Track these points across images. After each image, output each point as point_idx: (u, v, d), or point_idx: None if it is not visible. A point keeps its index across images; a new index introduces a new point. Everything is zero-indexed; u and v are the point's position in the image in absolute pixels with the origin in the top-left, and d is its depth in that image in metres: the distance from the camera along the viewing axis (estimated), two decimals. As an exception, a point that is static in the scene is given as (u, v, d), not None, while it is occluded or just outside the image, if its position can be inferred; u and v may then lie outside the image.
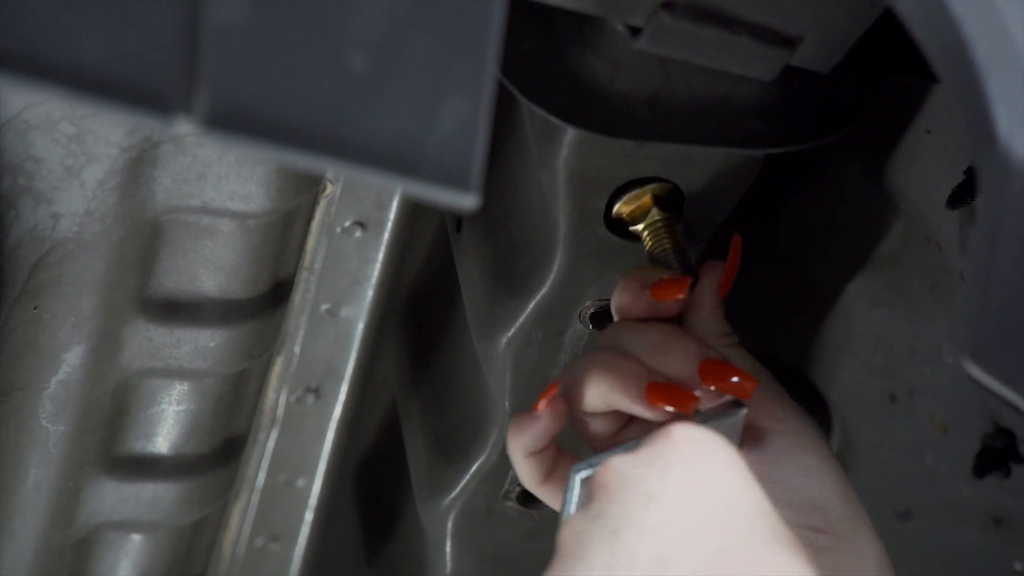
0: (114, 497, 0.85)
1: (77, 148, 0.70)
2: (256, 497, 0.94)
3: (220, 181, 0.75)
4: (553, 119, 0.61)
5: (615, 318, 0.64)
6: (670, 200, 0.67)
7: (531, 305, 0.74)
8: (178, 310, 0.79)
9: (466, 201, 0.43)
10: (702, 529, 0.49)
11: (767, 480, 0.57)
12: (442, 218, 0.88)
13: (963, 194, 0.67)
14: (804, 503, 0.57)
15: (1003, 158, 0.45)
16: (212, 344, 0.81)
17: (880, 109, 0.66)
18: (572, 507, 0.59)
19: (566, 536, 0.52)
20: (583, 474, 0.57)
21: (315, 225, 0.84)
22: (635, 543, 0.49)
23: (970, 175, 0.67)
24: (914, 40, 0.47)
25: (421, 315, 0.92)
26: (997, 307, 0.45)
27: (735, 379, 0.58)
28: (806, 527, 0.57)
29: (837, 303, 0.81)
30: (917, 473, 0.80)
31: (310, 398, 0.91)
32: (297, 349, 0.89)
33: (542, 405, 0.59)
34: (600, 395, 0.59)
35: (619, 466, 0.52)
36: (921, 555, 0.80)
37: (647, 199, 0.67)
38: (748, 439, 0.59)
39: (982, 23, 0.45)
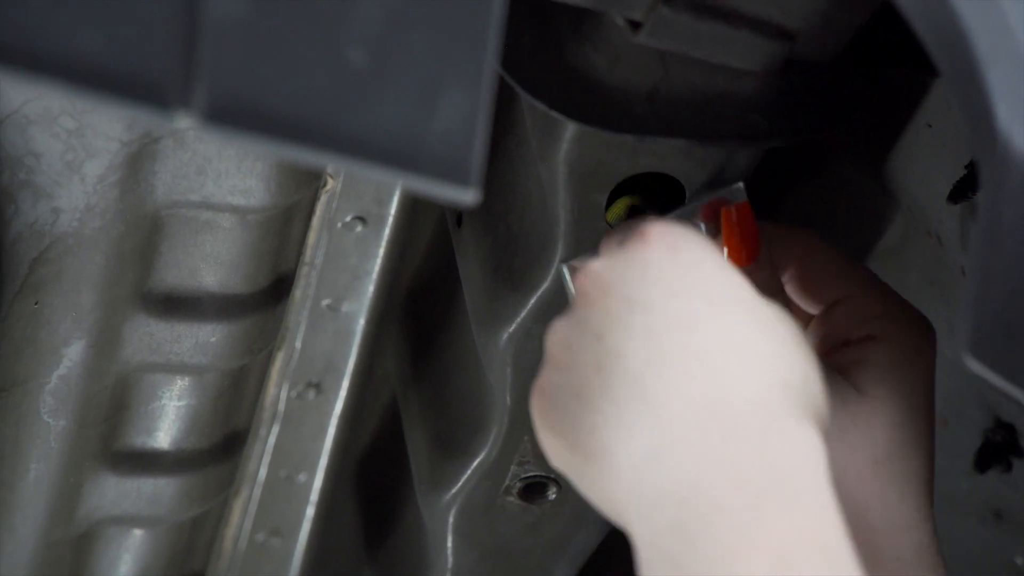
0: (115, 492, 0.85)
1: (77, 143, 0.70)
2: (257, 492, 0.94)
3: (220, 176, 0.75)
4: (553, 113, 0.61)
5: None
6: (655, 202, 0.67)
7: (532, 300, 0.74)
8: (178, 305, 0.79)
9: (466, 196, 0.43)
10: (682, 330, 0.49)
11: (838, 441, 0.57)
12: (442, 213, 0.88)
13: (964, 188, 0.67)
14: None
15: (1003, 152, 0.45)
16: (213, 339, 0.81)
17: (880, 103, 0.66)
18: (570, 297, 0.63)
19: (552, 343, 0.52)
20: (572, 262, 0.60)
21: (316, 220, 0.84)
22: (621, 345, 0.49)
23: (971, 169, 0.67)
24: (914, 33, 0.47)
25: (422, 310, 0.92)
26: (997, 301, 0.45)
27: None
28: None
29: (837, 298, 0.81)
30: (917, 467, 0.80)
31: (311, 393, 0.91)
32: (298, 344, 0.89)
33: None
34: None
35: (597, 270, 0.52)
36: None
37: (619, 209, 0.67)
38: (837, 364, 0.60)
39: (982, 16, 0.45)
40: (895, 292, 0.63)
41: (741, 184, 0.63)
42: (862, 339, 0.61)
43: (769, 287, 0.62)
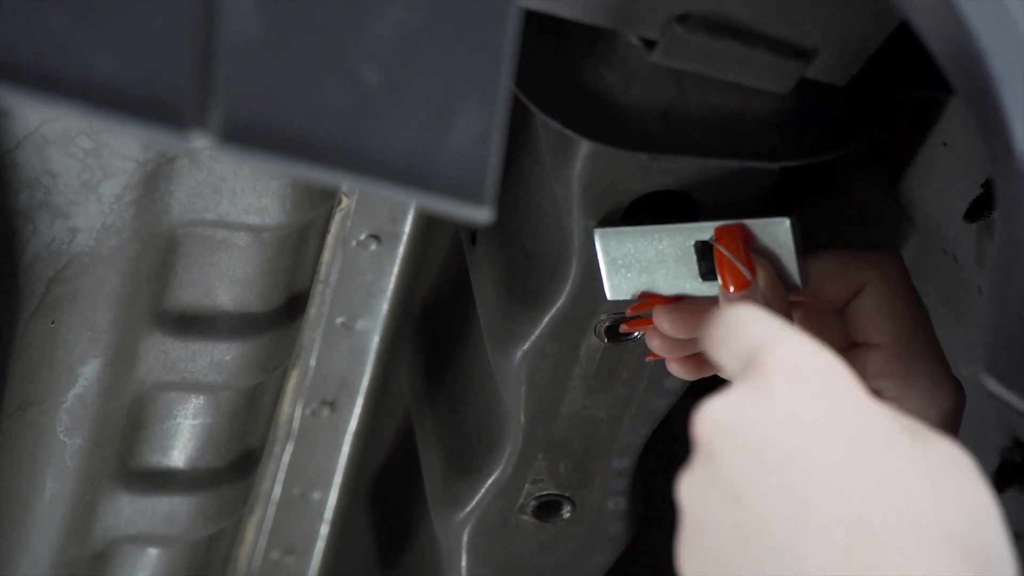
0: (130, 511, 0.85)
1: (94, 163, 0.71)
2: (271, 510, 0.94)
3: (235, 195, 0.75)
4: (567, 132, 0.61)
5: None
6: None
7: (546, 318, 0.74)
8: (194, 324, 0.79)
9: (480, 214, 0.43)
10: (831, 493, 0.42)
11: None
12: (456, 231, 0.88)
13: (981, 207, 0.67)
14: None
15: (1020, 170, 0.45)
16: (227, 357, 0.81)
17: (896, 122, 0.65)
18: (602, 267, 0.63)
19: (686, 498, 0.45)
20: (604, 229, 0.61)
21: (330, 238, 0.84)
22: (762, 511, 0.43)
23: (987, 188, 0.67)
24: (930, 52, 0.47)
25: (436, 328, 0.92)
26: (1015, 321, 0.45)
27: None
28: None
29: (853, 316, 0.81)
30: (935, 487, 0.79)
31: (325, 411, 0.91)
32: (312, 362, 0.89)
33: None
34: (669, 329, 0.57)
35: (716, 415, 0.45)
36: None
37: None
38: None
39: (998, 35, 0.45)
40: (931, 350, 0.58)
41: (787, 222, 0.58)
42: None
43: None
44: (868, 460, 0.43)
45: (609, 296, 0.66)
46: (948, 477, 0.43)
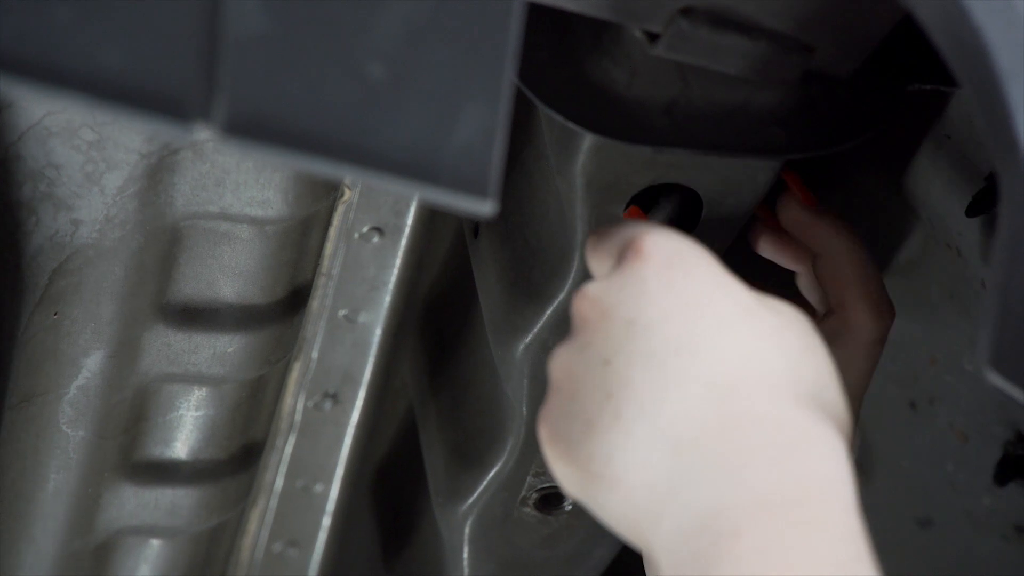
0: (133, 502, 0.85)
1: (97, 155, 0.71)
2: (274, 503, 0.94)
3: (239, 187, 0.75)
4: (571, 125, 0.61)
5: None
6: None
7: (549, 311, 0.74)
8: (196, 316, 0.79)
9: (484, 208, 0.43)
10: (687, 353, 0.48)
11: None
12: (460, 224, 0.88)
13: (984, 201, 0.67)
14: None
15: (1024, 165, 0.45)
16: (230, 350, 0.81)
17: (900, 115, 0.65)
18: None
19: (556, 370, 0.51)
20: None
21: (333, 231, 0.84)
22: (626, 371, 0.48)
23: (991, 182, 0.66)
24: (934, 46, 0.47)
25: (438, 321, 0.92)
26: (1019, 315, 0.45)
27: None
28: None
29: (856, 310, 0.81)
30: (937, 481, 0.79)
31: (328, 404, 0.91)
32: (315, 355, 0.89)
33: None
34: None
35: (595, 293, 0.51)
36: (941, 564, 0.80)
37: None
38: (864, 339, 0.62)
39: (1003, 29, 0.45)
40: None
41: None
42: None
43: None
44: (724, 326, 0.48)
45: None
46: (788, 336, 0.49)
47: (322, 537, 0.96)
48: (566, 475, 0.50)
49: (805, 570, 0.44)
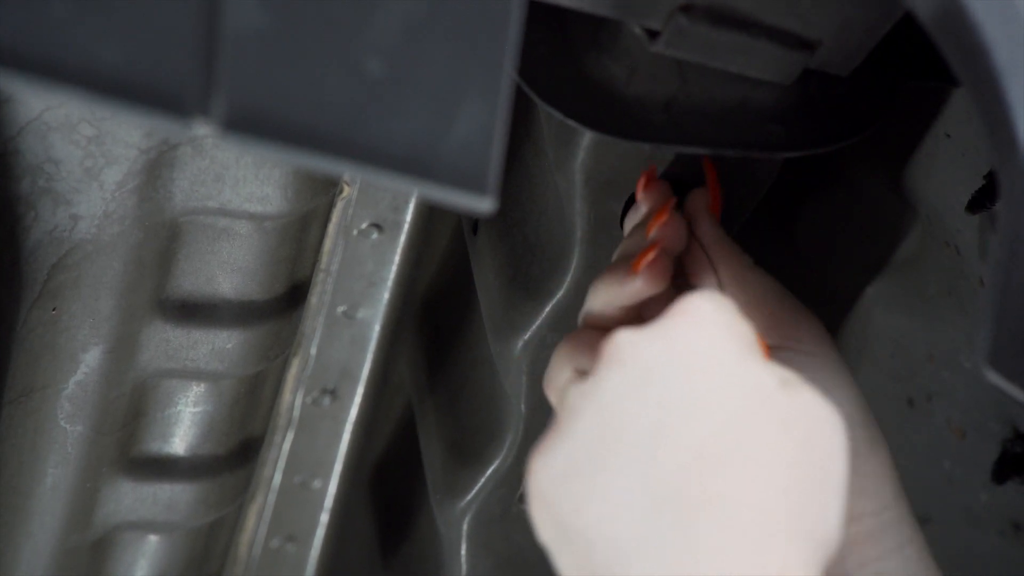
0: (131, 498, 0.85)
1: (96, 150, 0.71)
2: (272, 498, 0.94)
3: (238, 183, 0.75)
4: (570, 122, 0.61)
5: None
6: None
7: (547, 308, 0.74)
8: (195, 311, 0.79)
9: (483, 204, 0.43)
10: (689, 418, 0.47)
11: None
12: (458, 221, 0.88)
13: (983, 199, 0.67)
14: None
15: (1023, 162, 0.45)
16: (229, 346, 0.81)
17: (899, 113, 0.65)
18: None
19: (566, 405, 0.50)
20: None
21: (332, 227, 0.84)
22: (626, 421, 0.47)
23: (990, 180, 0.66)
24: (934, 44, 0.47)
25: (437, 317, 0.92)
26: (1017, 313, 0.45)
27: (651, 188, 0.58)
28: None
29: (854, 307, 0.81)
30: (935, 478, 0.79)
31: (326, 400, 0.91)
32: (313, 351, 0.89)
33: (641, 267, 0.57)
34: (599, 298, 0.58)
35: (620, 338, 0.50)
36: (939, 561, 0.80)
37: None
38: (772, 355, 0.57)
39: (1003, 27, 0.45)
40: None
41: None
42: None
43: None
44: (736, 403, 0.47)
45: None
46: (801, 436, 0.48)
47: (320, 533, 0.96)
48: (540, 517, 0.49)
49: None
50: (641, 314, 0.58)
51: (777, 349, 0.58)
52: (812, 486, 0.47)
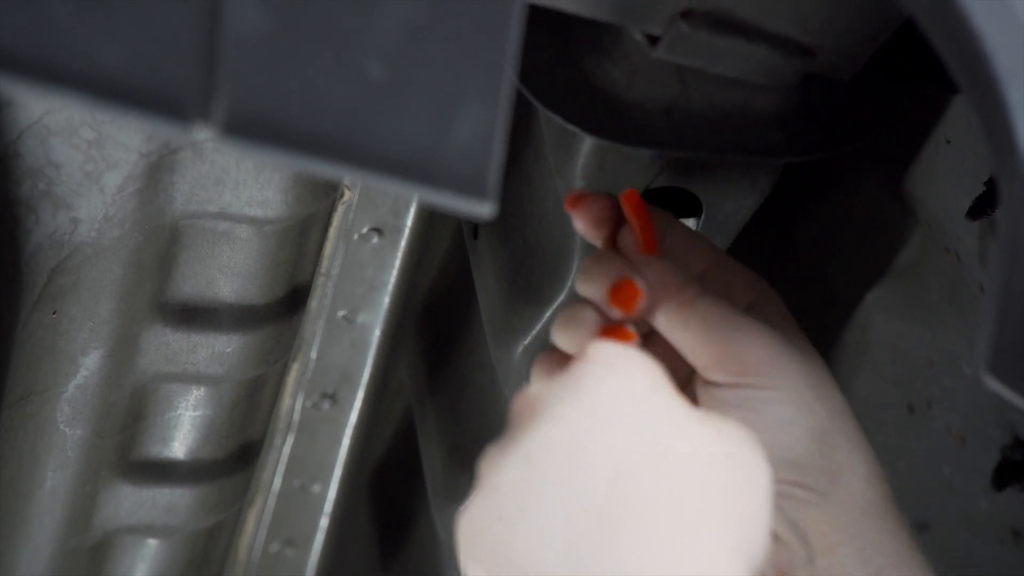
0: (130, 501, 0.85)
1: (97, 153, 0.71)
2: (272, 502, 0.94)
3: (238, 187, 0.75)
4: (570, 127, 0.61)
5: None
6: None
7: (547, 313, 0.74)
8: (195, 315, 0.79)
9: (483, 209, 0.43)
10: (605, 455, 0.48)
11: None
12: (459, 225, 0.88)
13: (983, 205, 0.67)
14: (777, 459, 0.55)
15: (1023, 169, 0.45)
16: (229, 349, 0.81)
17: (899, 119, 0.65)
18: None
19: (483, 466, 0.50)
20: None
21: (332, 231, 0.84)
22: (541, 461, 0.48)
23: (991, 186, 0.67)
24: (934, 50, 0.47)
25: (437, 322, 0.92)
26: (1017, 319, 0.45)
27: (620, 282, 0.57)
28: (782, 480, 0.56)
29: (854, 313, 0.81)
30: (934, 485, 0.79)
31: (326, 404, 0.91)
32: (313, 355, 0.89)
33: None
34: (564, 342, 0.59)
35: (533, 392, 0.51)
36: (938, 568, 0.80)
37: None
38: (719, 393, 0.57)
39: (1003, 34, 0.45)
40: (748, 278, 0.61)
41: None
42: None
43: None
44: (647, 434, 0.48)
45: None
46: (722, 468, 0.48)
47: (319, 537, 0.96)
48: (472, 571, 0.49)
49: None
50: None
51: (723, 387, 0.57)
52: (734, 496, 0.48)
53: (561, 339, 0.59)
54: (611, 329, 0.58)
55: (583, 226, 0.61)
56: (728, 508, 0.48)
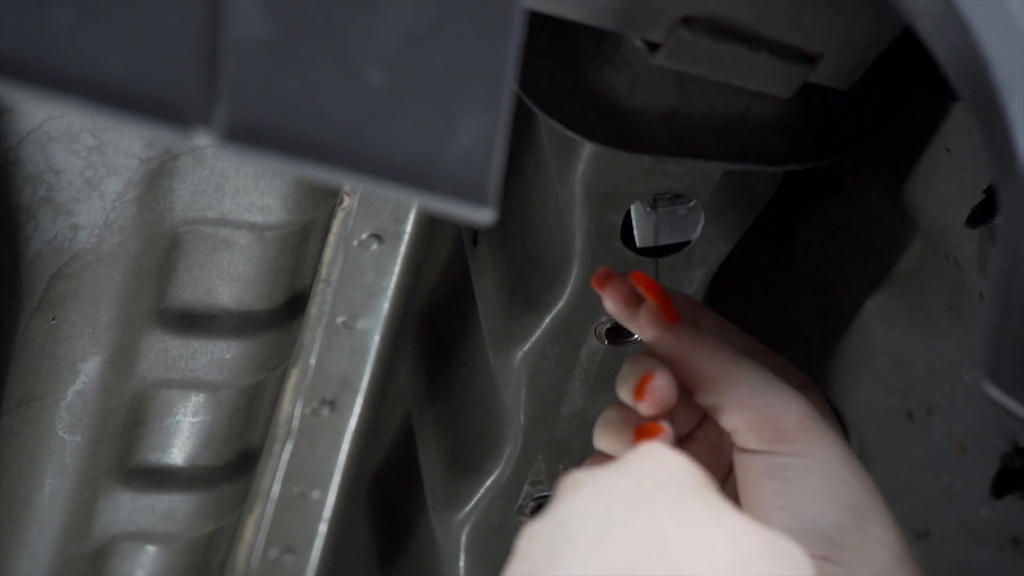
0: (129, 508, 0.85)
1: (97, 160, 0.71)
2: (271, 509, 0.94)
3: (238, 193, 0.75)
4: (571, 134, 0.61)
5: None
6: None
7: (547, 320, 0.74)
8: (194, 322, 0.79)
9: (483, 216, 0.43)
10: (641, 523, 0.47)
11: (773, 509, 0.55)
12: (458, 232, 0.88)
13: (983, 213, 0.67)
14: (809, 531, 0.55)
15: (1023, 177, 0.45)
16: (228, 356, 0.81)
17: (899, 127, 0.65)
18: None
19: (520, 538, 0.50)
20: None
21: (332, 237, 0.84)
22: (579, 530, 0.48)
23: (990, 194, 0.67)
24: (934, 58, 0.47)
25: (437, 328, 0.92)
26: (1017, 327, 0.45)
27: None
28: (813, 555, 0.54)
29: (855, 320, 0.81)
30: (934, 492, 0.79)
31: (325, 410, 0.91)
32: (313, 361, 0.89)
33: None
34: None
35: (578, 474, 0.51)
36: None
37: None
38: (751, 461, 0.56)
39: (1003, 41, 0.45)
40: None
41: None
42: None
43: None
44: (679, 509, 0.48)
45: None
46: (762, 552, 0.47)
47: (318, 544, 0.96)
48: None
49: None
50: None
51: (755, 454, 0.56)
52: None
53: (602, 443, 0.59)
54: (644, 428, 0.57)
55: (612, 306, 0.60)
56: None
